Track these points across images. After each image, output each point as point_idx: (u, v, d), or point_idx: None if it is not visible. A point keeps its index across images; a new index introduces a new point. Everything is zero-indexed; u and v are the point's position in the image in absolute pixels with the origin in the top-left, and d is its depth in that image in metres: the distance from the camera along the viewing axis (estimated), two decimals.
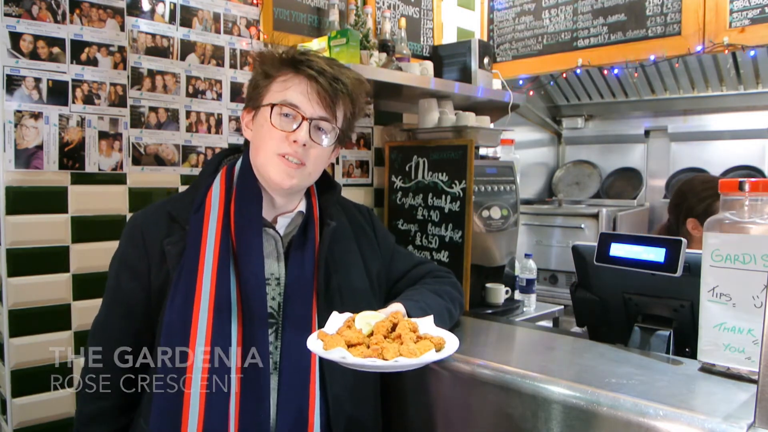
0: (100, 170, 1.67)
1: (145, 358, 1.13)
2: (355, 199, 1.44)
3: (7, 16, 1.50)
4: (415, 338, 0.98)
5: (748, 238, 0.99)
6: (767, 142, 2.87)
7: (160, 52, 1.78)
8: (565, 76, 2.87)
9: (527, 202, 3.36)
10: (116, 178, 1.70)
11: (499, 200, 2.13)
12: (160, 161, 1.79)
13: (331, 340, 0.96)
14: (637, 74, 2.78)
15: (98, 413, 1.14)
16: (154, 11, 1.76)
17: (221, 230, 1.09)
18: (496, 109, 2.50)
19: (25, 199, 1.54)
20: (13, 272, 1.53)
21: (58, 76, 1.59)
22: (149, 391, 1.10)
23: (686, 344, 1.25)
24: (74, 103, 1.62)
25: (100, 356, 1.15)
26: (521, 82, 2.86)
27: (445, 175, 2.07)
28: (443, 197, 2.08)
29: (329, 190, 1.26)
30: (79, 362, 1.61)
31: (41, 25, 1.55)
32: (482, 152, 2.37)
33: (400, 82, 2.05)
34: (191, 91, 1.85)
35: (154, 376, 1.07)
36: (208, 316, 1.04)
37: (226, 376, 1.03)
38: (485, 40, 2.86)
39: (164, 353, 1.05)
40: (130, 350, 1.14)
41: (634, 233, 2.24)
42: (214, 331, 1.04)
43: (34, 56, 1.54)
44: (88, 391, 1.15)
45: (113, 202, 1.70)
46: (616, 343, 1.28)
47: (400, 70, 2.08)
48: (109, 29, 1.67)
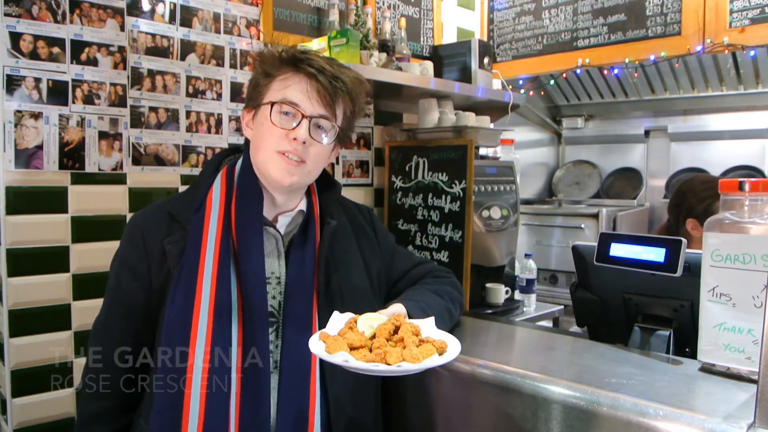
0: (100, 170, 1.67)
1: (145, 357, 1.14)
2: (355, 199, 1.44)
3: (7, 16, 1.50)
4: (417, 342, 0.98)
5: (748, 238, 0.99)
6: (767, 142, 2.87)
7: (160, 52, 1.78)
8: (565, 76, 2.87)
9: (527, 202, 3.36)
10: (116, 178, 1.70)
11: (499, 200, 2.13)
12: (160, 161, 1.79)
13: (333, 343, 0.96)
14: (637, 74, 2.79)
15: (99, 413, 1.14)
16: (154, 11, 1.76)
17: (222, 229, 1.09)
18: (496, 109, 2.50)
19: (25, 199, 1.54)
20: (13, 272, 1.53)
21: (58, 76, 1.59)
22: (150, 390, 1.10)
23: (686, 344, 1.25)
24: (74, 103, 1.62)
25: (100, 356, 1.16)
26: (521, 82, 2.87)
27: (445, 175, 2.07)
28: (443, 197, 2.08)
29: (329, 188, 1.27)
30: (79, 362, 1.62)
31: (41, 25, 1.55)
32: (482, 152, 2.37)
33: (400, 82, 2.05)
34: (191, 91, 1.85)
35: (154, 375, 1.07)
36: (208, 315, 1.04)
37: (226, 375, 1.03)
38: (485, 40, 2.86)
39: (164, 353, 1.05)
40: (130, 350, 1.14)
41: (634, 233, 2.24)
42: (214, 330, 1.04)
43: (34, 56, 1.55)
44: (89, 390, 1.16)
45: (113, 202, 1.70)
46: (616, 343, 1.28)
47: (400, 70, 2.08)
48: (109, 29, 1.67)
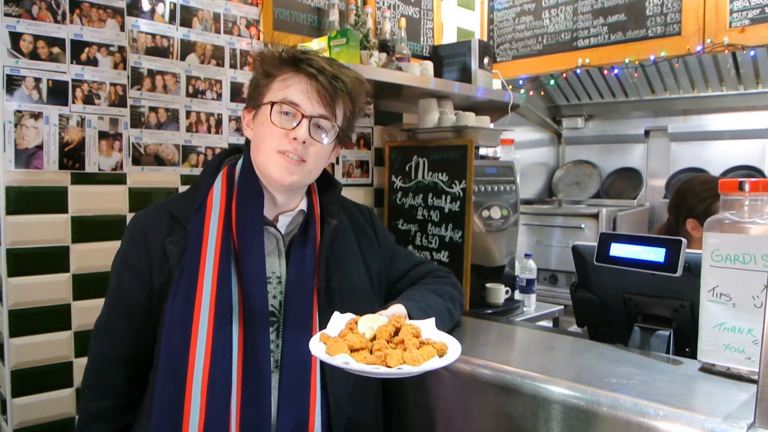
0: (100, 170, 1.67)
1: (146, 357, 1.13)
2: (355, 199, 1.44)
3: (7, 16, 1.50)
4: (418, 344, 0.98)
5: (748, 238, 0.99)
6: (767, 142, 2.87)
7: (160, 52, 1.78)
8: (565, 76, 2.87)
9: (527, 202, 3.36)
10: (116, 178, 1.70)
11: (499, 200, 2.13)
12: (160, 161, 1.79)
13: (334, 344, 0.96)
14: (637, 74, 2.79)
15: (100, 412, 1.14)
16: (154, 11, 1.76)
17: (222, 229, 1.09)
18: (496, 109, 2.50)
19: (25, 199, 1.54)
20: (13, 272, 1.53)
21: (58, 76, 1.59)
22: (150, 390, 1.10)
23: (686, 344, 1.25)
24: (74, 103, 1.62)
25: (102, 356, 1.16)
26: (521, 82, 2.87)
27: (445, 175, 2.07)
28: (443, 197, 2.08)
29: (330, 188, 1.27)
30: (78, 362, 1.62)
31: (41, 25, 1.55)
32: (482, 152, 2.37)
33: (400, 82, 2.05)
34: (191, 91, 1.85)
35: (155, 375, 1.07)
36: (209, 315, 1.04)
37: (227, 375, 1.04)
38: (485, 40, 2.86)
39: (165, 353, 1.05)
40: (132, 350, 1.14)
41: (634, 233, 2.24)
42: (215, 330, 1.04)
43: (34, 56, 1.55)
44: (90, 390, 1.16)
45: (113, 202, 1.70)
46: (616, 343, 1.28)
47: (400, 70, 2.08)
48: (109, 29, 1.67)
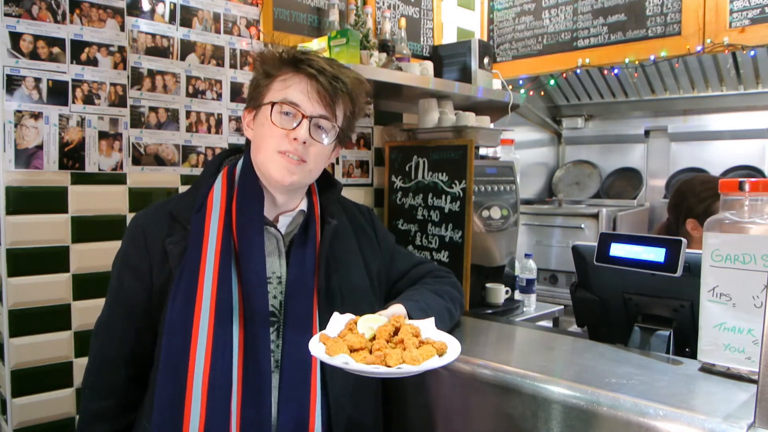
0: (100, 170, 1.67)
1: (147, 357, 1.14)
2: (355, 199, 1.44)
3: (7, 16, 1.50)
4: (417, 343, 0.98)
5: (748, 238, 0.99)
6: (767, 142, 2.87)
7: (160, 52, 1.77)
8: (565, 76, 2.87)
9: (527, 202, 3.36)
10: (116, 178, 1.70)
11: (499, 200, 2.13)
12: (160, 161, 1.79)
13: (333, 344, 0.96)
14: (637, 74, 2.79)
15: (101, 412, 1.14)
16: (154, 11, 1.76)
17: (223, 229, 1.09)
18: (496, 109, 2.50)
19: (25, 199, 1.54)
20: (13, 272, 1.53)
21: (58, 76, 1.59)
22: (151, 390, 1.10)
23: (686, 344, 1.25)
24: (74, 103, 1.62)
25: (102, 356, 1.16)
26: (521, 82, 2.87)
27: (445, 175, 2.07)
28: (443, 197, 2.08)
29: (330, 188, 1.27)
30: (78, 362, 1.62)
31: (41, 25, 1.55)
32: (482, 152, 2.37)
33: (400, 82, 2.05)
34: (191, 91, 1.85)
35: (155, 375, 1.07)
36: (209, 315, 1.04)
37: (227, 375, 1.04)
38: (485, 40, 2.86)
39: (166, 353, 1.05)
40: (132, 350, 1.14)
41: (634, 233, 2.24)
42: (215, 330, 1.04)
43: (34, 56, 1.54)
44: (91, 390, 1.16)
45: (113, 202, 1.70)
46: (616, 343, 1.28)
47: (400, 70, 2.08)
48: (109, 29, 1.67)
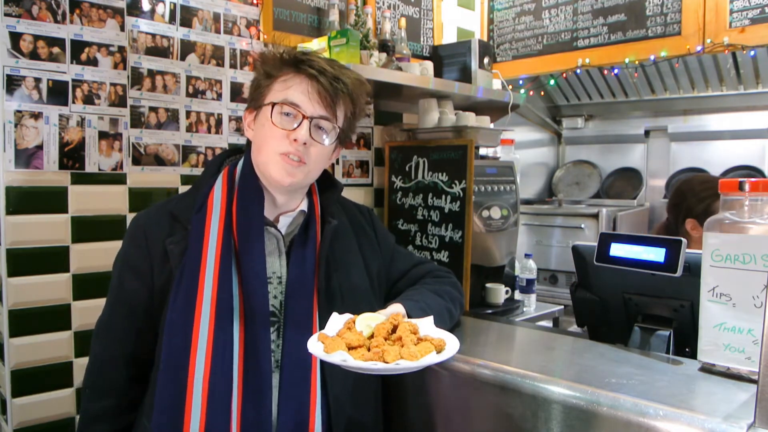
0: (100, 170, 1.67)
1: (147, 357, 1.14)
2: (355, 199, 1.44)
3: (7, 16, 1.50)
4: (415, 340, 0.98)
5: (748, 238, 0.99)
6: (767, 142, 2.87)
7: (160, 52, 1.78)
8: (565, 76, 2.87)
9: (527, 202, 3.36)
10: (116, 178, 1.70)
11: (499, 200, 2.13)
12: (160, 161, 1.79)
13: (332, 342, 0.96)
14: (637, 74, 2.79)
15: (102, 412, 1.14)
16: (154, 11, 1.76)
17: (223, 229, 1.10)
18: (496, 109, 2.50)
19: (25, 199, 1.54)
20: (13, 272, 1.53)
21: (58, 76, 1.59)
22: (152, 390, 1.10)
23: (686, 344, 1.25)
24: (74, 103, 1.62)
25: (103, 356, 1.16)
26: (521, 82, 2.87)
27: (445, 175, 2.07)
28: (443, 197, 2.08)
29: (330, 188, 1.27)
30: (78, 362, 1.62)
31: (41, 25, 1.55)
32: (482, 152, 2.37)
33: (400, 82, 2.05)
34: (191, 91, 1.85)
35: (156, 375, 1.07)
36: (210, 315, 1.04)
37: (227, 375, 1.04)
38: (485, 40, 2.86)
39: (166, 352, 1.05)
40: (133, 350, 1.15)
41: (634, 233, 2.24)
42: (216, 330, 1.04)
43: (34, 56, 1.54)
44: (91, 390, 1.16)
45: (113, 202, 1.70)
46: (616, 343, 1.28)
47: (400, 70, 2.08)
48: (109, 29, 1.67)
